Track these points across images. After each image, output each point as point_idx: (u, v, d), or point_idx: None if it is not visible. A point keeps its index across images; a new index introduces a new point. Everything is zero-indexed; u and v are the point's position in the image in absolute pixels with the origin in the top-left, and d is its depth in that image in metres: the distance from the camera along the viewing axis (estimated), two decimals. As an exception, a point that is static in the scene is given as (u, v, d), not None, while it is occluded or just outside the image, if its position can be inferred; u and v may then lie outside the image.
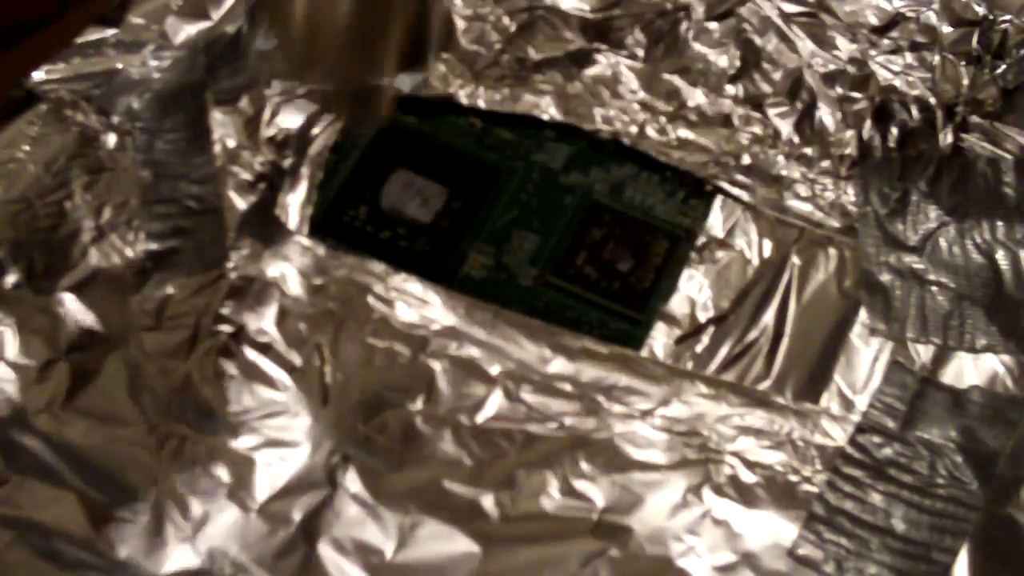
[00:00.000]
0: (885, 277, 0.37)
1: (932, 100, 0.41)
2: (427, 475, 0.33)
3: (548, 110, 0.41)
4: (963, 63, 0.41)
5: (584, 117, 0.41)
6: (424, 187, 0.40)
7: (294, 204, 0.39)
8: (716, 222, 0.39)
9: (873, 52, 0.42)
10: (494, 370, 0.35)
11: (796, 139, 0.40)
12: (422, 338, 0.36)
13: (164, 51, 0.41)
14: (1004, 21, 0.41)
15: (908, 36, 0.42)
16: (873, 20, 0.42)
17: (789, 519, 0.33)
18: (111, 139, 0.38)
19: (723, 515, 0.33)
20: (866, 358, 0.36)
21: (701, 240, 0.39)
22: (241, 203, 0.38)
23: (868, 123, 0.40)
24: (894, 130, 0.40)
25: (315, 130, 0.40)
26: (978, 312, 0.36)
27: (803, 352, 0.36)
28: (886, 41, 0.42)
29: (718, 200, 0.39)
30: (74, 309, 0.35)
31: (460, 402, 0.35)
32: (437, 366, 0.35)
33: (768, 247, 0.38)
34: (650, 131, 0.40)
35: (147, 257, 0.37)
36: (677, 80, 0.42)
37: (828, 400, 0.35)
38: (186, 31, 0.41)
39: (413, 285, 0.37)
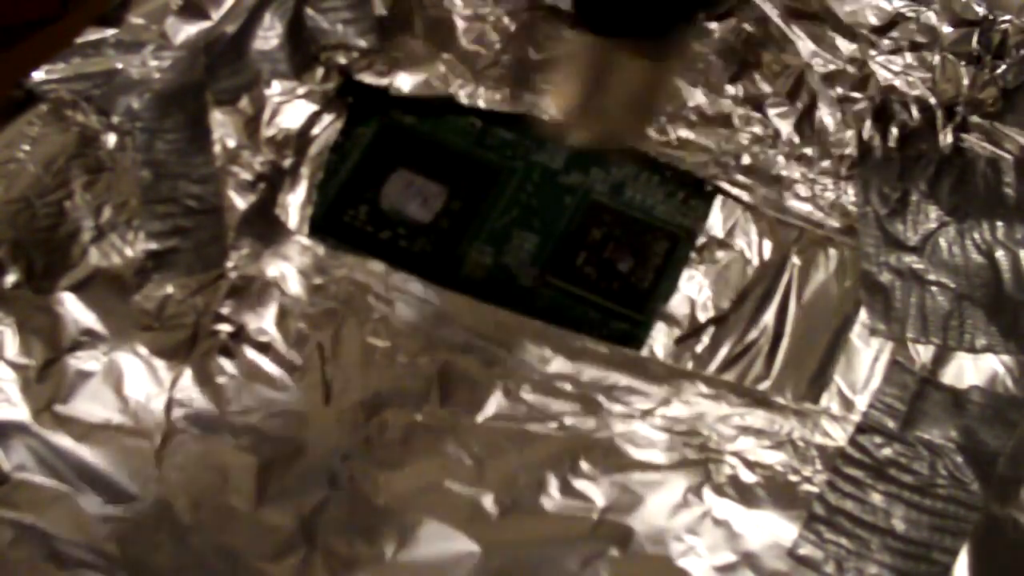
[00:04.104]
0: (885, 277, 0.37)
1: (932, 100, 0.41)
2: (427, 475, 0.33)
3: (548, 110, 0.41)
4: (963, 63, 0.41)
5: (584, 117, 0.41)
6: (424, 187, 0.40)
7: (294, 204, 0.39)
8: (716, 222, 0.39)
9: (873, 52, 0.42)
10: (494, 370, 0.35)
11: (796, 139, 0.40)
12: (422, 338, 0.36)
13: (164, 51, 0.40)
14: (1004, 21, 0.41)
15: (908, 36, 0.42)
16: (873, 20, 0.42)
17: (789, 519, 0.33)
18: (111, 139, 0.38)
19: (723, 515, 0.33)
20: (866, 358, 0.36)
21: (701, 240, 0.39)
22: (241, 203, 0.38)
23: (868, 123, 0.40)
24: (894, 130, 0.40)
25: (315, 130, 0.40)
26: (978, 312, 0.36)
27: (803, 352, 0.36)
28: (886, 41, 0.42)
29: (718, 200, 0.39)
30: (74, 309, 0.35)
31: (460, 402, 0.35)
32: (437, 366, 0.35)
33: (768, 247, 0.38)
34: (650, 131, 0.40)
35: (147, 257, 0.37)
36: (677, 80, 0.42)
37: (828, 400, 0.35)
38: (186, 31, 0.41)
39: (413, 285, 0.37)
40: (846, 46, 0.42)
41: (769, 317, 0.37)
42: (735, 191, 0.39)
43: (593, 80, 0.33)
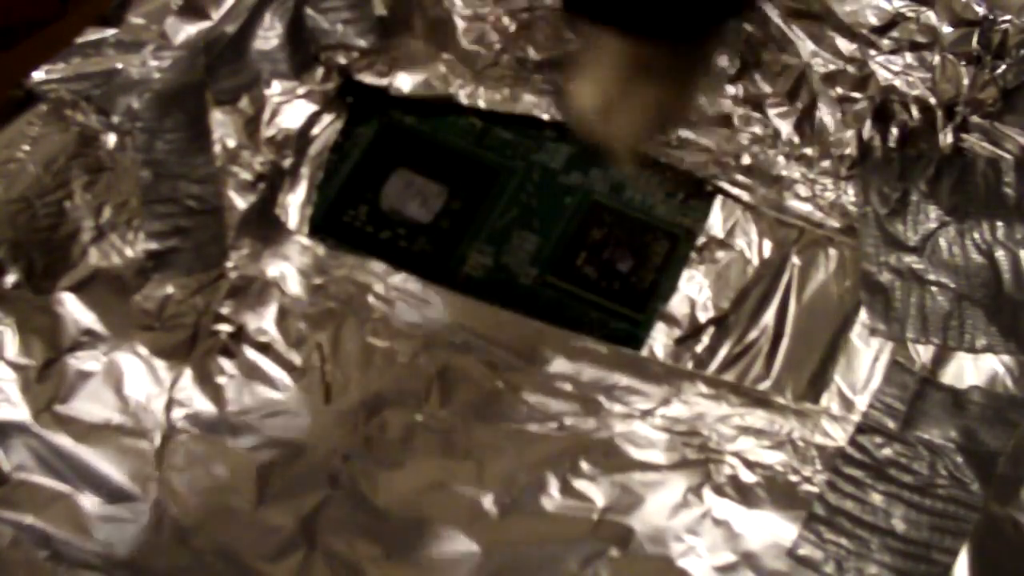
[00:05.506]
0: (885, 277, 0.37)
1: (932, 100, 0.41)
2: (427, 475, 0.33)
3: (548, 110, 0.41)
4: (963, 63, 0.41)
5: (584, 117, 0.41)
6: (424, 187, 0.40)
7: (294, 204, 0.39)
8: (716, 222, 0.39)
9: (873, 52, 0.42)
10: (494, 370, 0.35)
11: (796, 139, 0.40)
12: (422, 338, 0.36)
13: (164, 51, 0.40)
14: (1004, 21, 0.41)
15: (908, 36, 0.42)
16: (873, 20, 0.42)
17: (789, 519, 0.33)
18: (111, 139, 0.38)
19: (723, 515, 0.33)
20: (866, 358, 0.36)
21: (701, 240, 0.39)
22: (241, 203, 0.38)
23: (868, 123, 0.40)
24: (894, 130, 0.40)
25: (315, 130, 0.40)
26: (978, 312, 0.36)
27: (803, 352, 0.36)
28: (886, 41, 0.42)
29: (718, 200, 0.39)
30: (74, 309, 0.35)
31: (460, 402, 0.35)
32: (437, 366, 0.35)
33: (768, 247, 0.38)
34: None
35: (147, 257, 0.37)
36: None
37: (828, 400, 0.35)
38: (186, 31, 0.41)
39: (413, 285, 0.37)
40: (846, 46, 0.42)
41: (769, 317, 0.37)
42: (735, 191, 0.39)
43: (614, 83, 0.32)
